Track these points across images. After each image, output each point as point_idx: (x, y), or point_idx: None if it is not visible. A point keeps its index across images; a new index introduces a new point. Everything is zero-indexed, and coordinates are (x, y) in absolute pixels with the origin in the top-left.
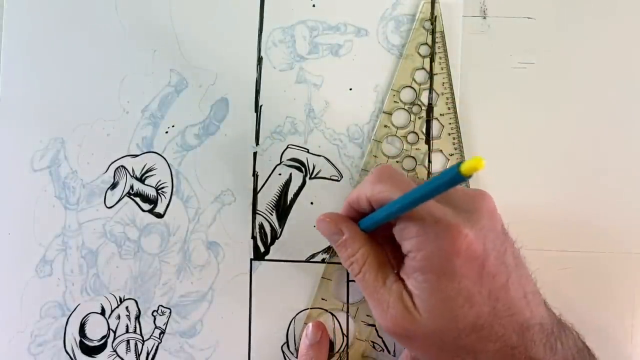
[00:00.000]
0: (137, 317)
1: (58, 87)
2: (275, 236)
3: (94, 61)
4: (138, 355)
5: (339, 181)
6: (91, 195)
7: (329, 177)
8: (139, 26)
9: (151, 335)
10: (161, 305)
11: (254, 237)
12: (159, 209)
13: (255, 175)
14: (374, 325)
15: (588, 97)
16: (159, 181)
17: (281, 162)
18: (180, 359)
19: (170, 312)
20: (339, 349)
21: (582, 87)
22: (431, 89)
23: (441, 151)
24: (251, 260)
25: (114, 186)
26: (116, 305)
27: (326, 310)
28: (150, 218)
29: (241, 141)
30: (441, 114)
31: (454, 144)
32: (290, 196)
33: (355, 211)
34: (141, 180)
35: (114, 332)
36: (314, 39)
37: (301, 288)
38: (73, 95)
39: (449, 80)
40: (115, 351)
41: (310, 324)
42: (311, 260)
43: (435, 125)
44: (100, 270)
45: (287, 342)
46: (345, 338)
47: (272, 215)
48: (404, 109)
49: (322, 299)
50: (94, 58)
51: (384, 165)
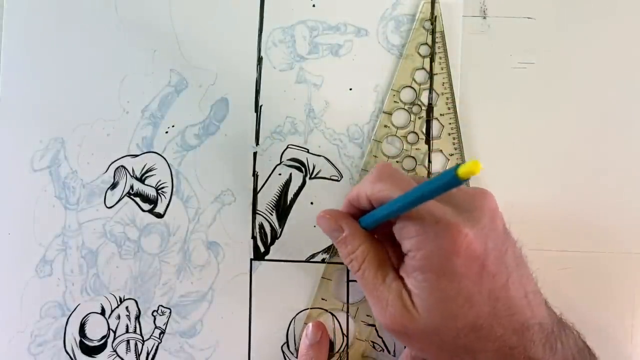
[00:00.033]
0: (137, 317)
1: (58, 87)
2: (275, 236)
3: (94, 61)
4: (138, 355)
5: (339, 181)
6: (91, 195)
7: (329, 177)
8: (139, 26)
9: (151, 335)
10: (161, 305)
11: (254, 237)
12: (159, 209)
13: (255, 175)
14: (374, 325)
15: (588, 97)
16: (159, 181)
17: (281, 162)
18: (180, 359)
19: (170, 312)
20: (339, 349)
21: (582, 87)
22: (431, 89)
23: (441, 151)
24: (251, 260)
25: (114, 186)
26: (116, 305)
27: (326, 310)
28: (150, 218)
29: (241, 141)
30: (441, 114)
31: (454, 144)
32: (290, 196)
33: (355, 208)
34: (141, 180)
35: (114, 332)
36: (314, 39)
37: (301, 288)
38: (73, 95)
39: (449, 80)
40: (115, 351)
41: (310, 324)
42: (311, 260)
43: (435, 125)
44: (100, 270)
45: (287, 342)
46: (345, 338)
47: (272, 215)
48: (404, 109)
49: (322, 299)
50: (94, 58)
51: (384, 164)
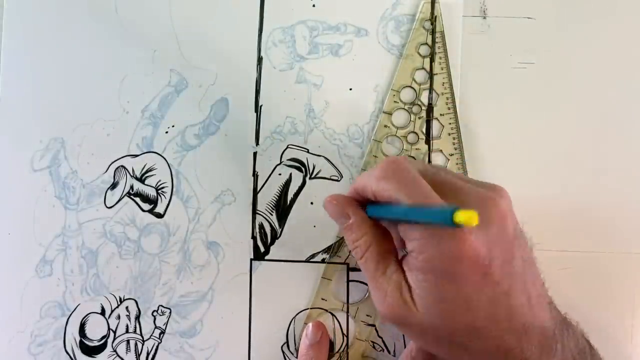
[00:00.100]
0: (137, 317)
1: (58, 87)
2: (275, 236)
3: (94, 61)
4: (138, 355)
5: (339, 181)
6: (91, 195)
7: (329, 177)
8: (139, 26)
9: (151, 335)
10: (161, 305)
11: (254, 237)
12: (159, 209)
13: (255, 175)
14: (374, 325)
15: (588, 97)
16: (159, 181)
17: (281, 162)
18: (180, 359)
19: (170, 312)
20: (339, 349)
21: (582, 87)
22: (431, 89)
23: (441, 151)
24: (251, 260)
25: (114, 186)
26: (116, 305)
27: (326, 310)
28: (150, 218)
29: (241, 141)
30: (441, 114)
31: (454, 144)
32: (290, 196)
33: (360, 196)
34: (141, 180)
35: (114, 332)
36: (314, 39)
37: (301, 288)
38: (73, 95)
39: (449, 80)
40: (115, 351)
41: (310, 324)
42: (311, 260)
43: (435, 125)
44: (100, 270)
45: (287, 342)
46: (345, 338)
47: (272, 215)
48: (404, 109)
49: (322, 299)
50: (94, 58)
51: (392, 159)
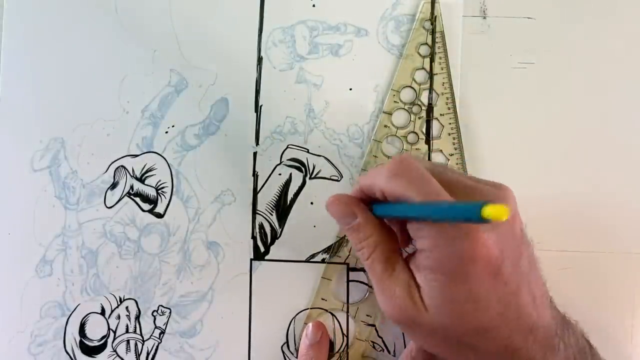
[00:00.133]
0: (137, 317)
1: (58, 87)
2: (275, 236)
3: (94, 61)
4: (138, 355)
5: (339, 181)
6: (91, 195)
7: (329, 177)
8: (139, 26)
9: (151, 335)
10: (161, 305)
11: (254, 237)
12: (159, 209)
13: (255, 175)
14: (374, 325)
15: (588, 97)
16: (159, 181)
17: (281, 162)
18: (180, 359)
19: (170, 312)
20: (339, 349)
21: (582, 87)
22: (431, 89)
23: (441, 151)
24: (251, 260)
25: (114, 186)
26: (116, 305)
27: (326, 310)
28: (150, 218)
29: (241, 141)
30: (441, 114)
31: (454, 144)
32: (290, 196)
33: (366, 195)
34: (141, 180)
35: (114, 332)
36: (314, 39)
37: (301, 288)
38: (73, 95)
39: (449, 80)
40: (115, 351)
41: (310, 324)
42: (311, 260)
43: (435, 125)
44: (100, 270)
45: (287, 342)
46: (345, 338)
47: (272, 215)
48: (404, 109)
49: (322, 299)
50: (94, 58)
51: (402, 157)
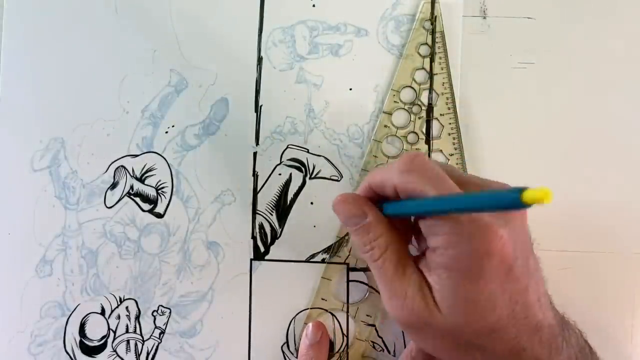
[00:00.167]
0: (137, 317)
1: (58, 87)
2: (275, 236)
3: (94, 61)
4: (138, 355)
5: (339, 181)
6: (91, 195)
7: (329, 177)
8: (139, 26)
9: (151, 335)
10: (161, 305)
11: (254, 237)
12: (159, 209)
13: (255, 175)
14: (374, 325)
15: (588, 97)
16: (159, 181)
17: (281, 162)
18: (180, 359)
19: (170, 312)
20: (339, 349)
21: (582, 87)
22: (431, 89)
23: (441, 151)
24: (251, 260)
25: (114, 186)
26: (116, 305)
27: (326, 310)
28: (150, 218)
29: (241, 141)
30: (441, 114)
31: (454, 144)
32: (290, 196)
33: (374, 194)
34: (141, 180)
35: (114, 332)
36: (314, 39)
37: (301, 288)
38: (73, 95)
39: (449, 80)
40: (115, 351)
41: (310, 324)
42: (311, 260)
43: (435, 125)
44: (100, 270)
45: (287, 342)
46: (345, 338)
47: (272, 215)
48: (404, 109)
49: (322, 299)
50: (94, 58)
51: (415, 153)
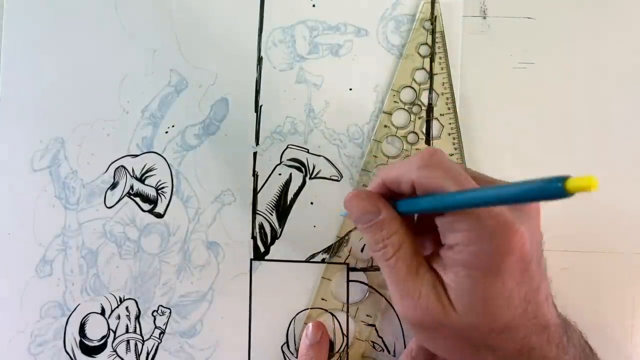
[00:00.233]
0: (137, 317)
1: (58, 87)
2: (275, 236)
3: (94, 61)
4: (138, 355)
5: (339, 181)
6: (91, 195)
7: (329, 177)
8: (139, 26)
9: (151, 335)
10: (161, 305)
11: (254, 237)
12: (159, 209)
13: (255, 175)
14: (374, 325)
15: (588, 97)
16: (159, 181)
17: (281, 162)
18: (180, 359)
19: (170, 312)
20: (339, 349)
21: (582, 87)
22: (431, 89)
23: None
24: (251, 260)
25: (114, 186)
26: (116, 305)
27: (326, 310)
28: (150, 218)
29: (241, 141)
30: (441, 114)
31: (454, 144)
32: (290, 196)
33: (387, 190)
34: (141, 180)
35: (114, 332)
36: (314, 39)
37: (301, 288)
38: (73, 95)
39: (449, 80)
40: (115, 351)
41: (310, 324)
42: (311, 260)
43: (435, 125)
44: (100, 270)
45: (287, 342)
46: (345, 338)
47: (272, 215)
48: (404, 109)
49: (322, 299)
50: (94, 58)
51: (433, 149)
